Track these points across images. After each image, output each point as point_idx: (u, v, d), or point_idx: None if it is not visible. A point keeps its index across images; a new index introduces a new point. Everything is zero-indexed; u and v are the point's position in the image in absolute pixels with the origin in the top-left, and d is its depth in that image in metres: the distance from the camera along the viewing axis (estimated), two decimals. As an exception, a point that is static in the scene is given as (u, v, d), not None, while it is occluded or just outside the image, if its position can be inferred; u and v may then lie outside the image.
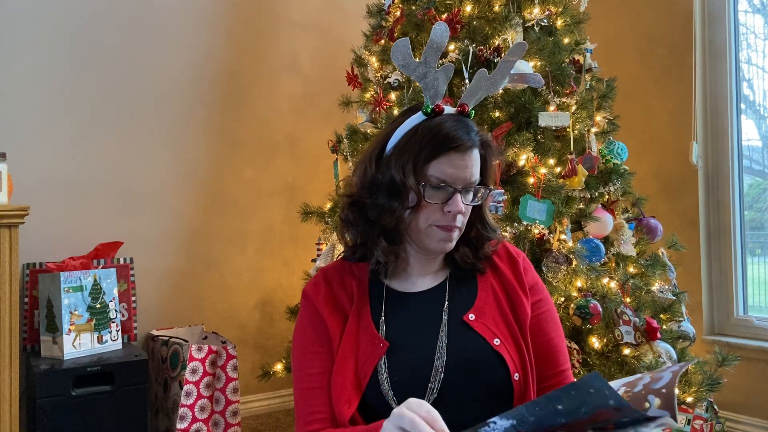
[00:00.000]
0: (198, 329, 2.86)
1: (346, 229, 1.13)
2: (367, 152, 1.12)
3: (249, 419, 2.96)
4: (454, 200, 1.04)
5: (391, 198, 1.05)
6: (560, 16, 2.34)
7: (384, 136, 1.10)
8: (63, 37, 2.64)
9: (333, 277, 1.13)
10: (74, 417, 2.16)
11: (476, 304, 1.09)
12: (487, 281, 1.12)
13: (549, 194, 2.07)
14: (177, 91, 2.91)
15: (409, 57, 1.05)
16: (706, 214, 2.89)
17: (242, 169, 3.09)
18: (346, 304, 1.10)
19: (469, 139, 1.04)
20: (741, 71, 2.87)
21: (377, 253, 1.08)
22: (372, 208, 1.07)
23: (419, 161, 1.02)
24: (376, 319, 1.08)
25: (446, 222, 1.05)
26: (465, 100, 1.10)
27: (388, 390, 1.01)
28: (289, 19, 3.23)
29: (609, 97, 2.38)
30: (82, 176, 2.67)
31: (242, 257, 3.08)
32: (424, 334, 1.06)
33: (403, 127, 1.07)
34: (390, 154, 1.07)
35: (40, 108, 2.59)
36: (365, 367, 1.03)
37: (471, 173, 1.05)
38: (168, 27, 2.89)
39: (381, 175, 1.06)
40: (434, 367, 1.02)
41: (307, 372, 1.07)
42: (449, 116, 1.06)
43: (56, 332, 2.27)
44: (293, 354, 1.11)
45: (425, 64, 1.05)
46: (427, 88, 1.06)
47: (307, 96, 3.27)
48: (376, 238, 1.08)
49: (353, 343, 1.06)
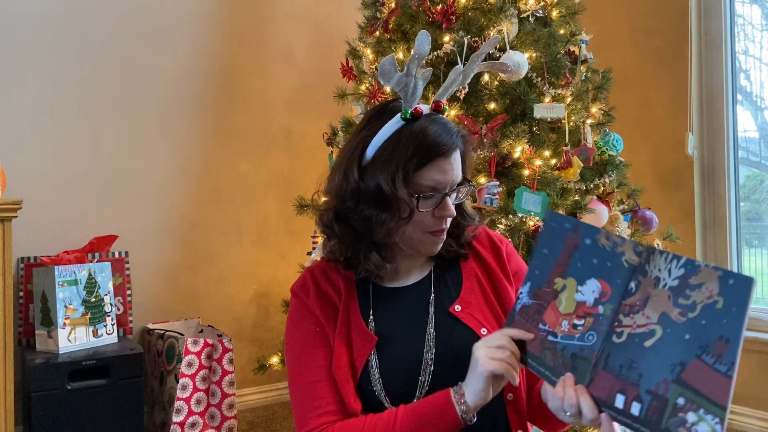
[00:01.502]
0: (194, 323, 2.86)
1: (331, 241, 1.10)
2: (345, 158, 1.07)
3: (245, 412, 2.97)
4: (444, 205, 1.03)
5: (380, 209, 1.02)
6: (556, 7, 2.33)
7: (362, 140, 1.06)
8: (56, 30, 2.62)
9: (319, 275, 1.12)
10: (70, 411, 2.16)
11: (462, 296, 1.09)
12: (471, 270, 1.13)
13: (544, 186, 2.06)
14: (172, 84, 2.90)
15: (392, 71, 1.03)
16: (701, 205, 2.89)
17: (237, 162, 3.08)
18: (335, 300, 1.09)
19: (453, 141, 1.03)
20: (738, 62, 2.86)
21: (369, 265, 1.06)
22: (359, 219, 1.04)
23: (409, 171, 1.00)
24: (365, 315, 1.08)
25: (438, 227, 1.05)
26: (439, 97, 1.09)
27: (378, 384, 1.02)
28: (284, 11, 3.21)
29: (604, 88, 2.37)
30: (77, 170, 2.66)
31: (238, 250, 3.08)
32: (413, 327, 1.06)
33: (382, 132, 1.03)
34: (373, 162, 1.03)
35: (34, 101, 2.57)
36: (357, 361, 1.04)
37: (457, 174, 1.04)
38: (162, 20, 2.87)
39: (365, 183, 1.03)
40: (424, 360, 1.03)
41: (310, 365, 1.05)
42: (428, 118, 1.04)
43: (51, 326, 2.27)
44: (289, 350, 1.09)
45: (407, 74, 1.03)
46: (406, 93, 1.04)
47: (302, 88, 3.26)
48: (368, 252, 1.06)
49: (346, 337, 1.06)
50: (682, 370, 0.77)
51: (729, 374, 0.73)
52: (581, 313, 0.88)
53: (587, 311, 0.87)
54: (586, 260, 0.90)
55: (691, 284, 0.78)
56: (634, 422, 0.79)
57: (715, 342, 0.75)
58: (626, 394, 0.80)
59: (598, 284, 0.87)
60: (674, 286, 0.80)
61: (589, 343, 0.86)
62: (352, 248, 1.07)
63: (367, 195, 1.02)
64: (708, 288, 0.77)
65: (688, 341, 0.77)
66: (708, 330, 0.76)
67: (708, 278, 0.77)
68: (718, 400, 0.73)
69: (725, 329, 0.74)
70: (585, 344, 0.86)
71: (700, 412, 0.74)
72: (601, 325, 0.85)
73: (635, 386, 0.80)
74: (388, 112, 1.06)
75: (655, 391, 0.78)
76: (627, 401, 0.80)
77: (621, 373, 0.81)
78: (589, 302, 0.87)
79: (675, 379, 0.77)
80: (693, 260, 0.80)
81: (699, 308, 0.77)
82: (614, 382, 0.82)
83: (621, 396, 0.81)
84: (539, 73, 2.22)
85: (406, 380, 1.02)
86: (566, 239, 0.93)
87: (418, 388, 1.02)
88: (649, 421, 0.78)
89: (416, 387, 1.02)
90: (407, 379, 1.02)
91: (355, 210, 1.04)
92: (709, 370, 0.74)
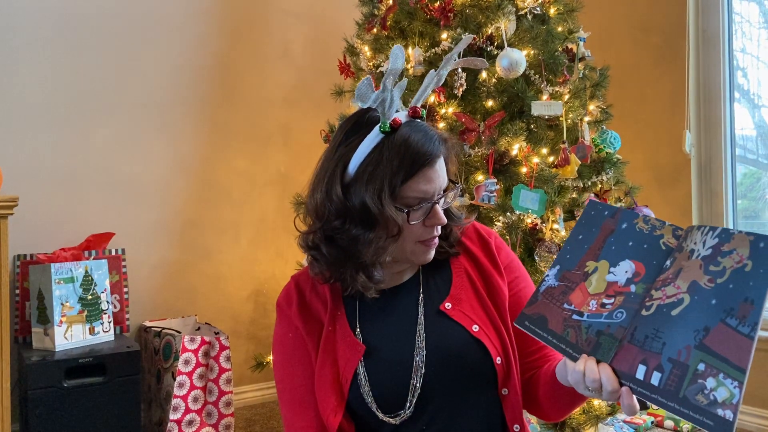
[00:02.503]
0: (191, 320, 2.85)
1: (319, 262, 1.05)
2: (325, 175, 1.02)
3: (242, 410, 2.97)
4: (434, 213, 1.01)
5: (367, 228, 0.98)
6: (553, 4, 2.33)
7: (342, 156, 1.01)
8: (52, 27, 2.61)
9: (305, 284, 1.10)
10: (67, 408, 2.15)
11: (452, 292, 1.07)
12: (460, 267, 1.11)
13: (542, 183, 2.06)
14: (169, 81, 2.89)
15: (369, 92, 1.02)
16: (699, 203, 2.89)
17: (235, 159, 3.08)
18: (320, 311, 1.07)
19: (436, 149, 0.99)
20: (736, 60, 2.86)
21: (356, 285, 1.02)
22: (346, 239, 1.00)
23: (396, 186, 0.97)
24: (352, 323, 1.06)
25: (429, 235, 1.02)
26: (416, 102, 1.05)
27: (368, 394, 1.00)
28: (281, 8, 3.21)
29: (602, 85, 2.37)
30: (73, 167, 2.65)
31: (235, 248, 3.07)
32: (402, 331, 1.04)
33: (363, 147, 0.99)
34: (356, 180, 0.99)
35: (30, 98, 2.56)
36: (345, 372, 1.01)
37: (443, 180, 1.02)
38: (159, 16, 2.86)
39: (350, 202, 0.99)
40: (414, 363, 1.01)
41: (290, 385, 1.05)
42: (407, 127, 1.00)
43: (48, 324, 2.26)
44: (274, 367, 1.09)
45: (383, 90, 1.00)
46: (384, 107, 1.00)
47: (300, 85, 3.25)
48: (355, 273, 1.02)
49: (331, 351, 1.04)
50: (705, 335, 0.76)
51: (751, 335, 0.73)
52: (611, 292, 0.87)
53: (618, 290, 0.87)
54: (621, 243, 0.90)
55: (723, 251, 0.78)
56: (653, 393, 0.78)
57: (740, 304, 0.74)
58: (648, 364, 0.80)
59: (632, 265, 0.87)
60: (707, 255, 0.79)
61: (617, 320, 0.85)
62: (341, 269, 1.03)
63: (353, 214, 0.99)
64: (739, 253, 0.76)
65: (714, 306, 0.76)
66: (734, 293, 0.75)
67: (740, 244, 0.77)
68: (739, 363, 0.72)
69: (751, 291, 0.74)
70: (613, 321, 0.85)
71: (720, 377, 0.73)
72: (632, 303, 0.85)
73: (657, 355, 0.79)
74: (366, 125, 1.02)
75: (676, 359, 0.77)
76: (648, 371, 0.79)
77: (645, 344, 0.81)
78: (621, 282, 0.87)
79: (697, 345, 0.76)
80: (728, 228, 0.79)
81: (728, 273, 0.76)
82: (637, 353, 0.81)
83: (642, 367, 0.80)
84: (537, 71, 2.22)
85: (396, 386, 1.00)
86: (603, 225, 0.94)
87: (410, 392, 1.00)
88: (668, 390, 0.77)
89: (407, 391, 1.00)
90: (398, 384, 1.00)
91: (342, 229, 1.00)
92: (733, 333, 0.74)
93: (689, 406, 0.75)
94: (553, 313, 0.92)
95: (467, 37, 1.12)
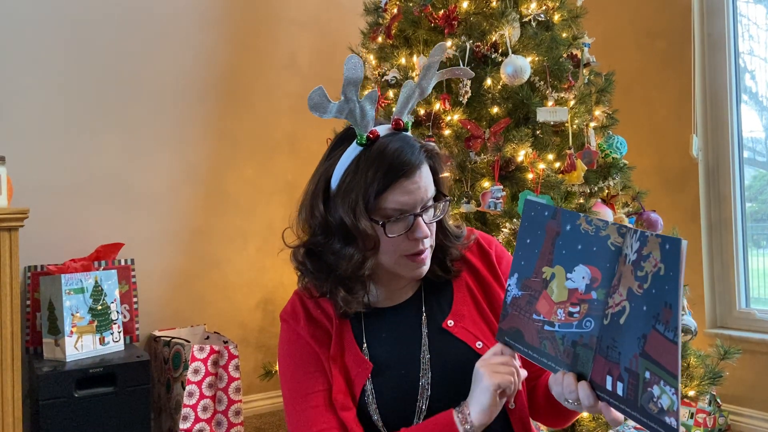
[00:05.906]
0: (200, 329, 2.86)
1: (305, 277, 1.06)
2: (310, 191, 1.03)
3: (252, 418, 2.97)
4: (417, 226, 0.97)
5: (346, 243, 0.98)
6: (557, 10, 2.34)
7: (324, 171, 1.02)
8: (62, 38, 2.64)
9: (308, 301, 1.09)
10: (77, 418, 2.16)
11: (454, 309, 1.06)
12: (461, 281, 1.09)
13: (548, 189, 2.06)
14: (176, 90, 2.92)
15: (324, 102, 0.99)
16: (707, 207, 2.87)
17: (242, 167, 3.09)
18: (326, 326, 1.06)
19: (416, 158, 0.97)
20: (743, 62, 2.85)
21: (337, 300, 1.02)
22: (330, 253, 1.00)
23: (369, 198, 0.95)
24: (359, 340, 1.05)
25: (414, 249, 0.99)
26: (398, 113, 1.02)
27: (375, 411, 0.99)
28: (288, 18, 3.23)
29: (607, 91, 2.37)
30: (82, 178, 2.68)
31: (243, 256, 3.08)
32: (406, 351, 1.03)
33: (343, 160, 0.99)
34: (336, 194, 0.99)
35: (40, 110, 2.59)
36: (354, 388, 1.01)
37: (426, 192, 0.98)
38: (166, 27, 2.89)
39: (331, 217, 0.99)
40: (420, 386, 1.00)
41: (303, 393, 1.02)
42: (387, 138, 0.98)
43: (58, 334, 2.28)
44: (283, 379, 1.06)
45: (346, 101, 0.98)
46: (355, 119, 0.99)
47: (306, 94, 3.18)
48: (334, 288, 1.01)
49: (340, 364, 1.03)
50: (645, 343, 0.75)
51: (675, 341, 0.72)
52: (575, 300, 0.86)
53: (581, 298, 0.86)
54: (570, 247, 0.88)
55: (644, 255, 0.77)
56: (621, 403, 0.79)
57: (662, 309, 0.74)
58: (612, 374, 0.80)
59: (587, 270, 0.86)
60: (634, 260, 0.79)
61: (587, 329, 0.84)
62: (324, 282, 1.03)
63: (333, 228, 0.99)
64: (654, 256, 0.76)
65: (645, 312, 0.76)
66: (657, 298, 0.75)
67: (653, 247, 0.76)
68: (672, 369, 0.72)
69: (668, 295, 0.73)
70: (584, 331, 0.85)
71: (661, 384, 0.73)
72: (597, 310, 0.84)
73: (617, 365, 0.79)
74: (348, 138, 1.01)
75: (630, 368, 0.77)
76: (613, 382, 0.79)
77: (609, 354, 0.80)
78: (581, 289, 0.86)
79: (641, 353, 0.76)
80: (644, 231, 0.79)
81: (650, 278, 0.76)
82: (604, 364, 0.81)
83: (609, 377, 0.80)
84: (542, 77, 2.22)
85: (403, 407, 1.00)
86: (547, 227, 0.91)
87: (416, 415, 0.99)
88: (629, 400, 0.77)
89: (414, 414, 1.00)
90: (405, 406, 1.00)
91: (326, 244, 1.00)
92: (662, 339, 0.73)
93: (646, 414, 0.75)
94: (526, 326, 0.92)
95: (441, 46, 1.07)
